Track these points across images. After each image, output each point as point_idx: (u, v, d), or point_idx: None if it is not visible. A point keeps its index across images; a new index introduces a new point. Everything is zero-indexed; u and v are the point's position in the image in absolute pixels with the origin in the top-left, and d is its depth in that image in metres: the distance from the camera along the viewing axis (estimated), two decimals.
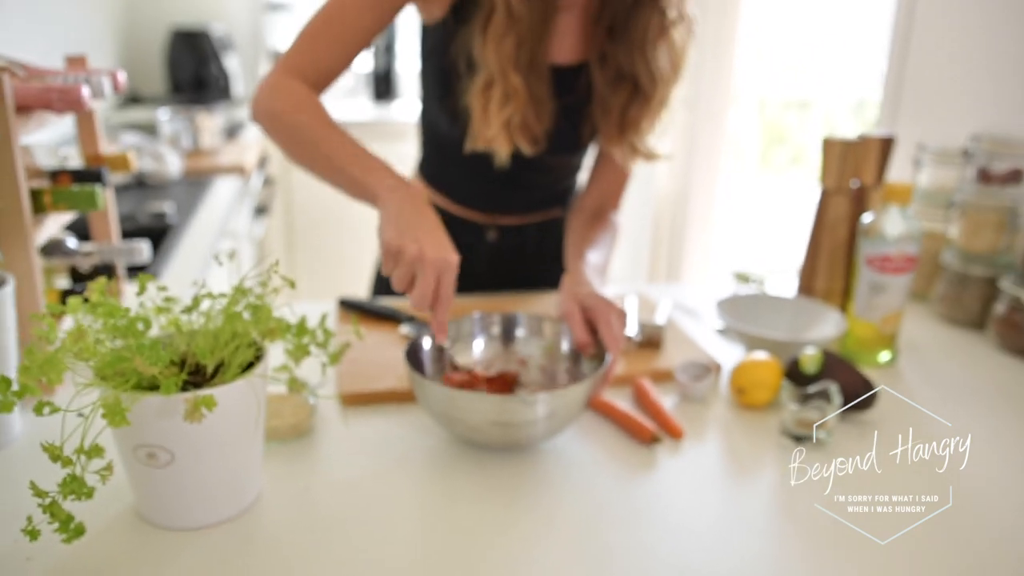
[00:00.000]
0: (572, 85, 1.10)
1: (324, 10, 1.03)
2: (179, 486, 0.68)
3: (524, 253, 1.30)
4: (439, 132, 1.18)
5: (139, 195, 1.99)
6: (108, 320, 0.67)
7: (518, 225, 1.28)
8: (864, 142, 1.14)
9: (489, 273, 1.30)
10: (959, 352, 1.15)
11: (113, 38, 3.50)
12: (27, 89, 0.87)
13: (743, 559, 0.70)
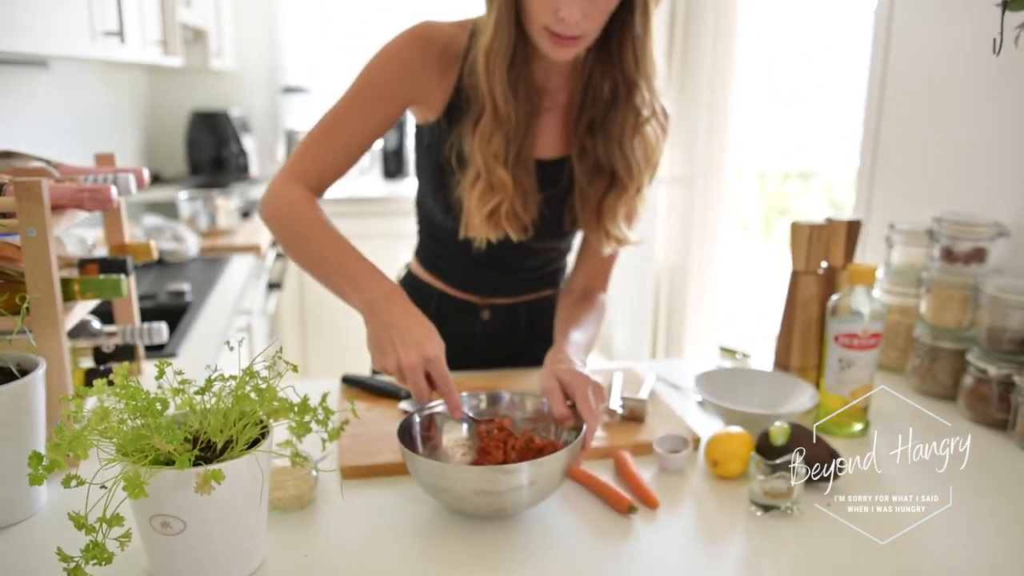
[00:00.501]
0: (555, 178, 1.20)
1: (326, 118, 1.14)
2: (190, 553, 0.75)
3: (517, 331, 1.38)
4: (435, 222, 1.28)
5: (159, 273, 2.10)
6: (130, 401, 0.75)
7: (511, 304, 1.36)
8: (831, 225, 1.22)
9: (485, 348, 1.38)
10: (930, 423, 1.20)
11: (137, 121, 3.67)
12: (62, 190, 0.97)
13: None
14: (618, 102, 1.14)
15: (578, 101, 1.17)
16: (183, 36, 2.96)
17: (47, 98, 2.35)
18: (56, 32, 1.48)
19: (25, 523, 0.89)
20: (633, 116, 1.14)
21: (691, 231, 2.69)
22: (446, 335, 1.10)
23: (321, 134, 1.13)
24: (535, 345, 1.37)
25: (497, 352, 1.38)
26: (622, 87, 1.12)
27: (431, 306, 1.35)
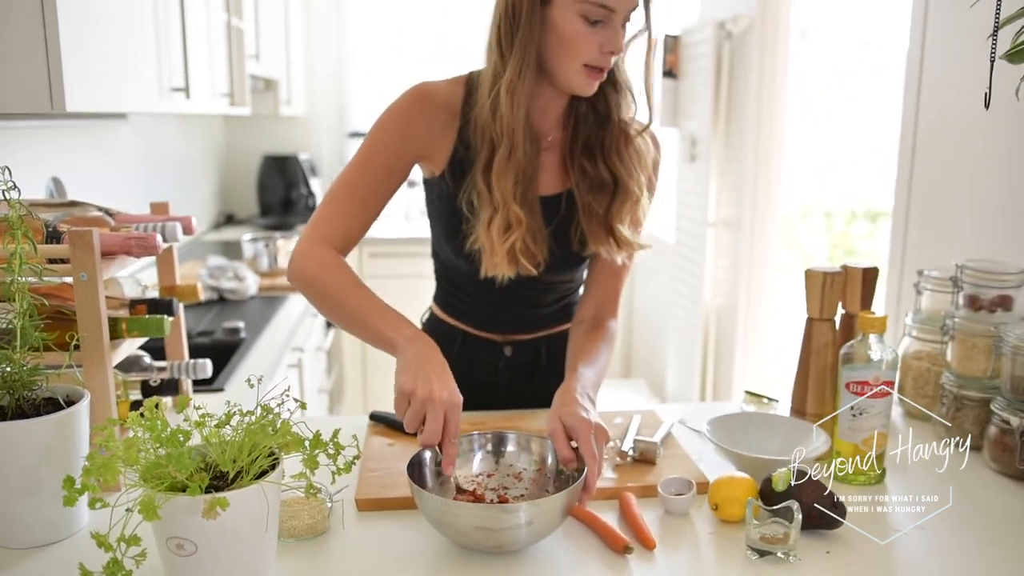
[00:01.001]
0: (556, 211, 1.27)
1: (341, 180, 1.22)
2: (202, 574, 0.82)
3: (539, 365, 1.44)
4: (452, 268, 1.34)
5: (220, 311, 2.23)
6: (155, 432, 0.83)
7: (531, 340, 1.42)
8: (847, 272, 1.23)
9: (509, 384, 1.44)
10: (951, 472, 1.19)
11: (213, 165, 3.90)
12: (113, 238, 1.07)
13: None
14: (607, 122, 1.24)
15: (570, 133, 1.26)
16: (255, 86, 3.16)
17: (127, 147, 2.54)
18: (130, 90, 1.62)
19: (67, 541, 0.97)
20: (623, 130, 1.24)
21: (739, 273, 2.69)
22: (472, 372, 1.18)
23: (339, 196, 1.21)
24: (557, 378, 1.42)
25: (520, 387, 1.43)
26: (613, 103, 1.23)
27: (456, 346, 1.41)
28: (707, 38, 2.70)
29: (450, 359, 1.43)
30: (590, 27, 1.12)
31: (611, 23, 1.12)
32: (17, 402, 0.96)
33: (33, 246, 0.95)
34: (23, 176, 1.76)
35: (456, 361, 1.41)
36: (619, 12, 1.12)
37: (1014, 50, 0.98)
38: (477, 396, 1.43)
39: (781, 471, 1.02)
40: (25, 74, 1.24)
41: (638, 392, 3.52)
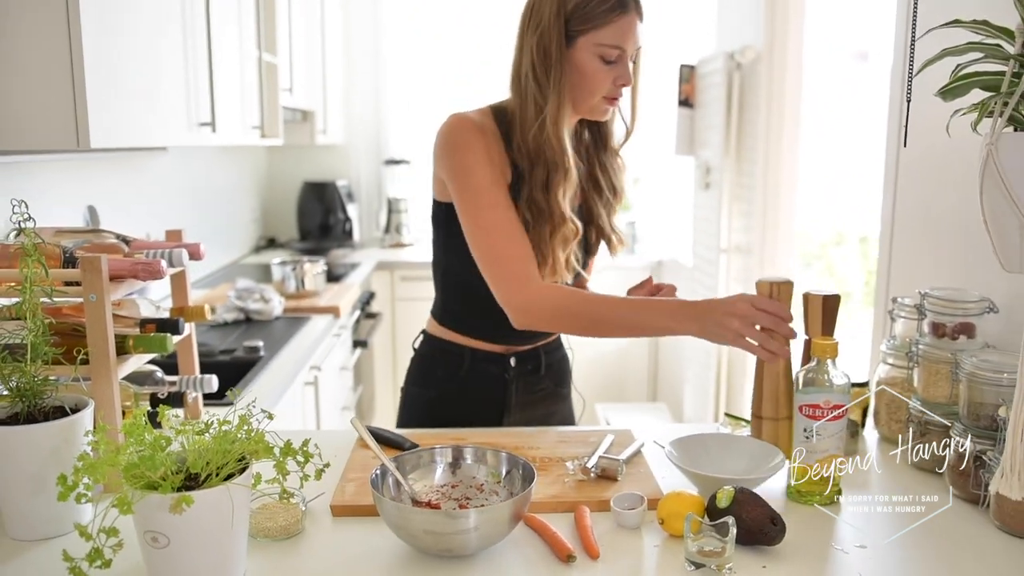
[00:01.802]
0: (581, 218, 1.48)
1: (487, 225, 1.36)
2: (174, 565, 0.91)
3: (538, 372, 1.58)
4: (468, 287, 1.44)
5: (245, 330, 2.36)
6: (137, 438, 0.93)
7: (533, 350, 1.56)
8: (808, 299, 1.28)
9: (518, 392, 1.56)
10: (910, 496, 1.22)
11: (255, 191, 4.08)
12: (120, 263, 1.19)
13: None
14: (608, 142, 1.50)
15: (583, 154, 1.49)
16: (291, 117, 3.32)
17: (169, 176, 2.71)
18: (157, 125, 1.76)
19: (72, 535, 1.08)
20: (614, 146, 1.51)
21: None
22: (483, 386, 1.43)
23: (500, 236, 1.35)
24: (553, 385, 1.62)
25: (527, 395, 1.57)
26: (609, 131, 1.49)
27: (465, 363, 1.53)
28: (719, 68, 2.76)
29: (460, 376, 1.57)
30: (606, 65, 1.33)
31: (623, 61, 1.33)
32: (29, 409, 1.08)
33: (45, 270, 1.07)
34: (63, 205, 1.93)
35: (467, 376, 1.55)
36: (628, 51, 1.33)
37: (949, 87, 1.03)
38: (489, 409, 1.54)
39: (725, 488, 1.08)
40: (52, 112, 1.38)
41: (659, 416, 3.55)
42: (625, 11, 1.32)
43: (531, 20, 1.36)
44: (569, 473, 1.26)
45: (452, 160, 1.37)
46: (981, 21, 0.98)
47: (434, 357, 1.58)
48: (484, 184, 1.35)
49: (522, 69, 1.37)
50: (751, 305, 1.21)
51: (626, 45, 1.33)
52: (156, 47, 1.72)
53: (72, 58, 1.39)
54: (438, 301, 1.56)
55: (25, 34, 1.36)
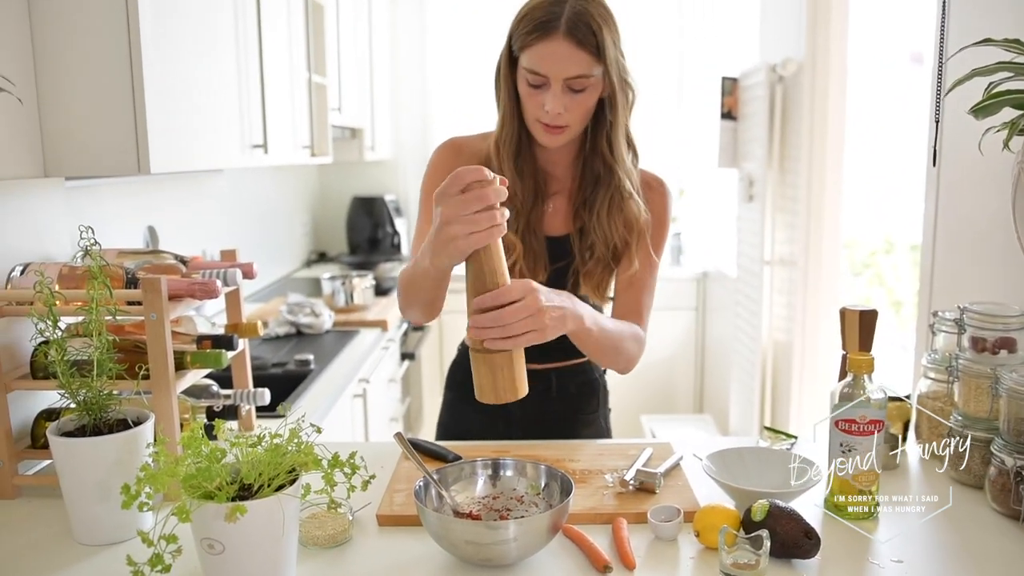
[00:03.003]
0: (564, 252, 1.42)
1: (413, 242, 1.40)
2: (229, 570, 0.97)
3: (550, 395, 1.56)
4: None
5: (296, 344, 2.43)
6: (195, 450, 0.99)
7: (543, 370, 1.54)
8: (844, 314, 1.29)
9: (523, 413, 1.54)
10: (951, 511, 1.21)
11: (307, 207, 4.19)
12: (179, 283, 1.26)
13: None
14: (600, 183, 1.38)
15: (577, 184, 1.41)
16: (340, 135, 3.41)
17: (224, 195, 2.81)
18: (212, 149, 1.84)
19: (134, 540, 1.15)
20: (615, 193, 1.37)
21: (794, 310, 2.70)
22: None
23: (414, 245, 1.39)
24: (568, 408, 1.58)
25: (534, 416, 1.55)
26: (603, 170, 1.37)
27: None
28: (761, 81, 2.76)
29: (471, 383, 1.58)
30: (533, 89, 1.28)
31: (549, 87, 1.27)
32: (95, 422, 1.15)
33: (110, 291, 1.14)
34: (124, 225, 2.02)
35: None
36: (552, 78, 1.26)
37: (980, 106, 1.04)
38: (495, 425, 1.57)
39: (760, 502, 1.10)
40: (115, 140, 1.46)
41: (704, 428, 3.54)
42: (546, 35, 1.23)
43: None
44: (608, 485, 1.29)
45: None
46: (1013, 40, 0.99)
47: (459, 362, 1.66)
48: (422, 203, 1.41)
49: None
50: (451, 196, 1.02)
51: (546, 71, 1.25)
52: (211, 74, 1.81)
53: (134, 87, 1.47)
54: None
55: (88, 64, 1.45)
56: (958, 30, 1.39)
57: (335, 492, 1.04)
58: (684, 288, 3.99)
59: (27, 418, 1.38)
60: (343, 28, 3.13)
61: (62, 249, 1.57)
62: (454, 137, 1.46)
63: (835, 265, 2.74)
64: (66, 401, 1.16)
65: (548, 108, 1.26)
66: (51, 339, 1.14)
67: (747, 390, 2.94)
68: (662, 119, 4.23)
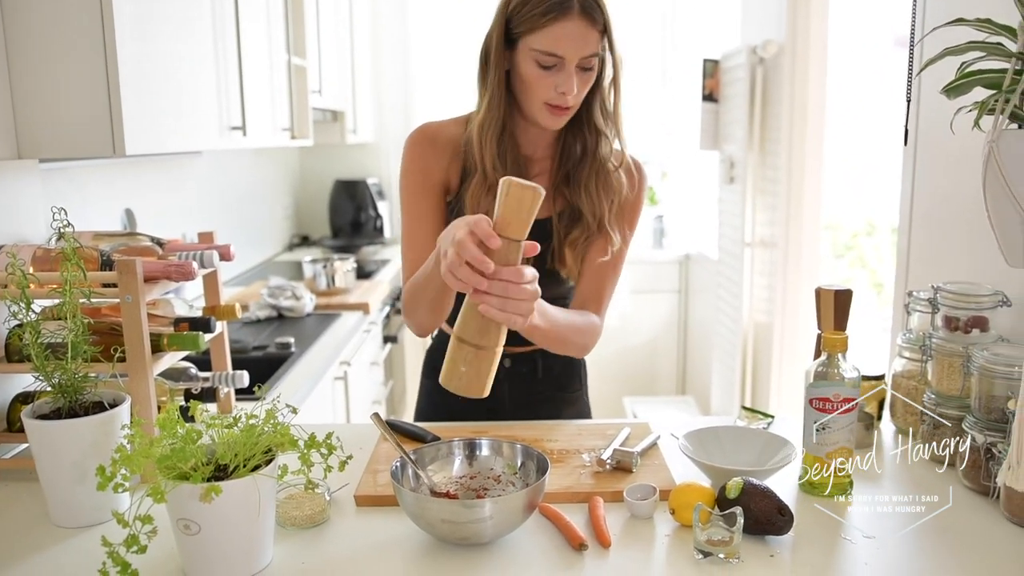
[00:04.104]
0: (546, 235, 1.41)
1: (403, 234, 1.41)
2: (205, 551, 0.97)
3: (536, 376, 1.57)
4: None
5: (277, 327, 2.43)
6: (171, 431, 0.99)
7: (529, 353, 1.54)
8: (820, 294, 1.30)
9: (510, 394, 1.56)
10: (922, 487, 1.23)
11: (289, 189, 4.17)
12: (154, 265, 1.26)
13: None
14: (587, 154, 1.37)
15: (556, 162, 1.40)
16: (322, 117, 3.39)
17: (204, 177, 2.79)
18: (190, 131, 1.83)
19: (111, 523, 1.14)
20: (600, 165, 1.37)
21: (775, 292, 2.72)
22: None
23: (405, 245, 1.40)
24: (554, 389, 1.59)
25: (521, 397, 1.56)
26: (590, 140, 1.36)
27: None
28: (742, 63, 2.76)
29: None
30: (545, 71, 1.26)
31: (564, 68, 1.26)
32: (70, 404, 1.14)
33: (84, 273, 1.13)
34: (101, 207, 2.00)
35: None
36: (568, 59, 1.25)
37: (952, 85, 1.04)
38: (481, 407, 1.57)
39: (735, 480, 1.11)
40: (89, 121, 1.44)
41: (685, 409, 3.57)
42: (563, 16, 1.23)
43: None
44: (585, 465, 1.29)
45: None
46: (984, 19, 1.00)
47: (438, 349, 1.64)
48: (404, 193, 1.42)
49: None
50: (450, 241, 1.04)
51: (563, 52, 1.24)
52: (187, 55, 1.79)
53: (107, 68, 1.45)
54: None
55: (61, 45, 1.43)
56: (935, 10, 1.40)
57: (313, 473, 1.04)
58: (666, 270, 4.00)
59: (2, 402, 1.37)
60: (323, 9, 3.10)
61: (38, 231, 1.56)
62: (426, 124, 1.44)
63: (815, 247, 2.76)
64: (41, 384, 1.15)
65: (564, 90, 1.26)
66: (25, 322, 1.13)
67: (728, 371, 2.97)
68: (644, 101, 4.23)
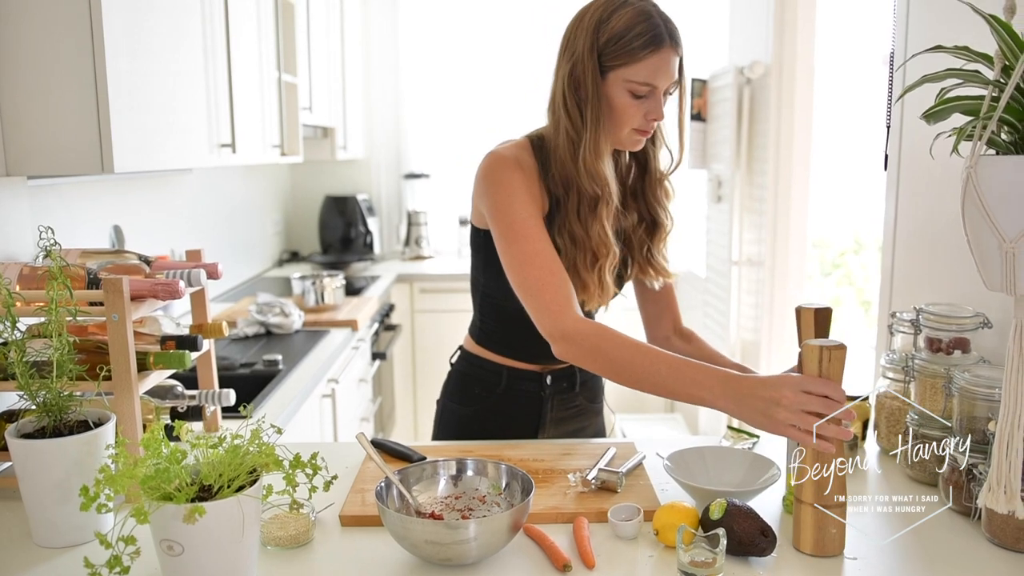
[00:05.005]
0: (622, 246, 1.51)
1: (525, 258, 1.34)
2: (188, 572, 0.96)
3: (574, 389, 1.61)
4: (504, 308, 1.48)
5: (265, 344, 2.42)
6: (155, 451, 0.99)
7: (566, 368, 1.59)
8: (800, 312, 1.31)
9: (553, 409, 1.59)
10: (905, 508, 1.24)
11: (279, 205, 4.17)
12: (141, 284, 1.26)
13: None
14: (648, 170, 1.51)
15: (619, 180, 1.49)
16: (312, 134, 3.40)
17: (194, 194, 2.79)
18: (179, 149, 1.83)
19: (93, 543, 1.14)
20: (661, 176, 1.53)
21: (762, 310, 2.74)
22: (519, 403, 1.34)
23: (537, 267, 1.33)
24: (587, 401, 1.65)
25: (561, 411, 1.60)
26: (652, 156, 1.50)
27: (502, 381, 1.56)
28: (729, 83, 2.79)
29: (497, 393, 1.59)
30: (637, 100, 1.32)
31: (655, 96, 1.33)
32: (55, 423, 1.14)
33: (70, 292, 1.13)
34: (89, 224, 2.00)
35: (504, 394, 1.58)
36: (661, 87, 1.32)
37: (932, 111, 1.06)
38: (524, 426, 1.60)
39: (719, 501, 1.11)
40: (78, 138, 1.45)
41: (674, 427, 3.57)
42: (658, 49, 1.29)
43: (567, 50, 1.35)
44: (571, 485, 1.30)
45: (493, 198, 1.38)
46: (962, 47, 1.01)
47: (472, 375, 1.60)
48: (521, 217, 1.35)
49: (556, 99, 1.37)
50: (799, 391, 1.09)
51: (657, 82, 1.31)
52: (177, 72, 1.80)
53: (97, 85, 1.45)
54: (476, 321, 1.60)
55: (50, 61, 1.43)
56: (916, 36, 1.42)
57: (297, 493, 1.04)
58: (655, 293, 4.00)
59: None
60: (314, 27, 3.12)
61: (25, 249, 1.56)
62: (497, 152, 1.41)
63: (801, 265, 2.78)
64: (26, 403, 1.15)
65: (655, 116, 1.34)
66: (10, 340, 1.13)
67: None
68: None
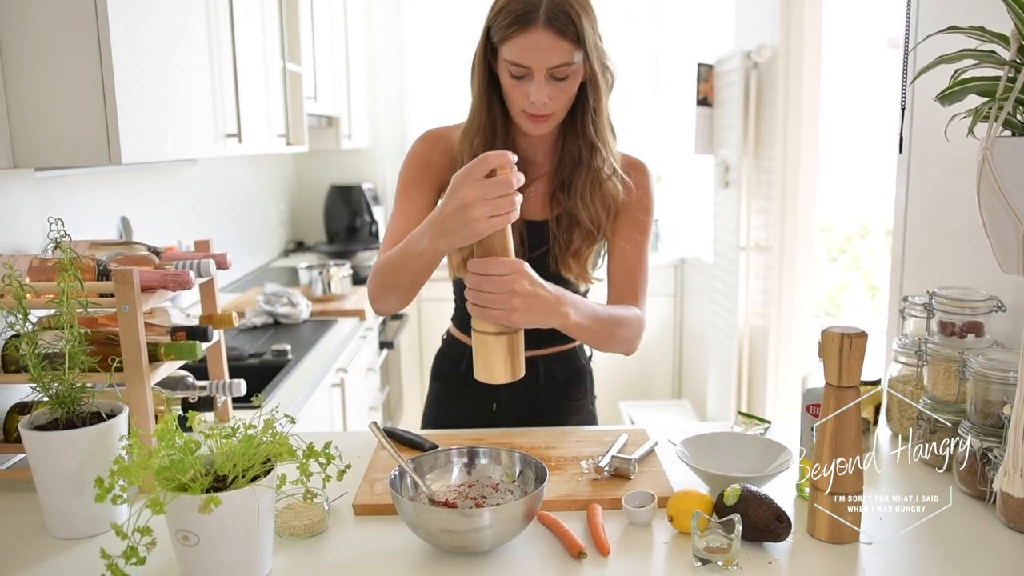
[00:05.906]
0: (543, 237, 1.44)
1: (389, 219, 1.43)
2: (204, 562, 0.97)
3: (537, 380, 1.57)
4: (461, 283, 1.48)
5: (273, 334, 2.42)
6: (169, 442, 0.99)
7: (530, 358, 1.52)
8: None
9: (510, 398, 1.57)
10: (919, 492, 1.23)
11: (284, 195, 4.16)
12: (151, 275, 1.25)
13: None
14: (582, 163, 1.39)
15: (555, 167, 1.42)
16: (317, 123, 3.39)
17: (200, 184, 2.79)
18: (185, 139, 1.82)
19: (109, 534, 1.14)
20: (594, 175, 1.39)
21: (770, 295, 2.73)
22: (477, 385, 1.33)
23: (388, 232, 1.40)
24: (556, 395, 1.60)
25: (520, 402, 1.57)
26: (584, 151, 1.38)
27: (463, 362, 1.58)
28: (736, 68, 2.77)
29: (459, 374, 1.59)
30: (517, 80, 1.29)
31: (533, 78, 1.27)
32: (67, 415, 1.14)
33: (80, 283, 1.13)
34: (97, 216, 2.00)
35: (464, 376, 1.58)
36: (535, 69, 1.26)
37: (946, 93, 1.05)
38: (481, 409, 1.58)
39: (733, 487, 1.11)
40: (85, 129, 1.44)
41: (682, 413, 3.57)
42: (527, 27, 1.23)
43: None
44: (583, 472, 1.30)
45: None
46: (978, 27, 1.00)
47: (444, 353, 1.67)
48: (399, 188, 1.44)
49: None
50: (469, 181, 1.05)
51: (528, 62, 1.25)
52: (182, 63, 1.79)
53: (103, 77, 1.45)
54: (455, 301, 1.63)
55: (56, 54, 1.42)
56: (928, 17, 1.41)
57: (311, 482, 1.04)
58: (662, 274, 4.00)
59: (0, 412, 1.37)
60: (318, 16, 3.10)
61: (34, 241, 1.55)
62: (432, 128, 1.48)
63: (809, 250, 2.77)
64: (39, 395, 1.15)
65: (533, 99, 1.27)
66: (22, 332, 1.13)
67: (724, 375, 2.97)
68: (639, 106, 4.24)
